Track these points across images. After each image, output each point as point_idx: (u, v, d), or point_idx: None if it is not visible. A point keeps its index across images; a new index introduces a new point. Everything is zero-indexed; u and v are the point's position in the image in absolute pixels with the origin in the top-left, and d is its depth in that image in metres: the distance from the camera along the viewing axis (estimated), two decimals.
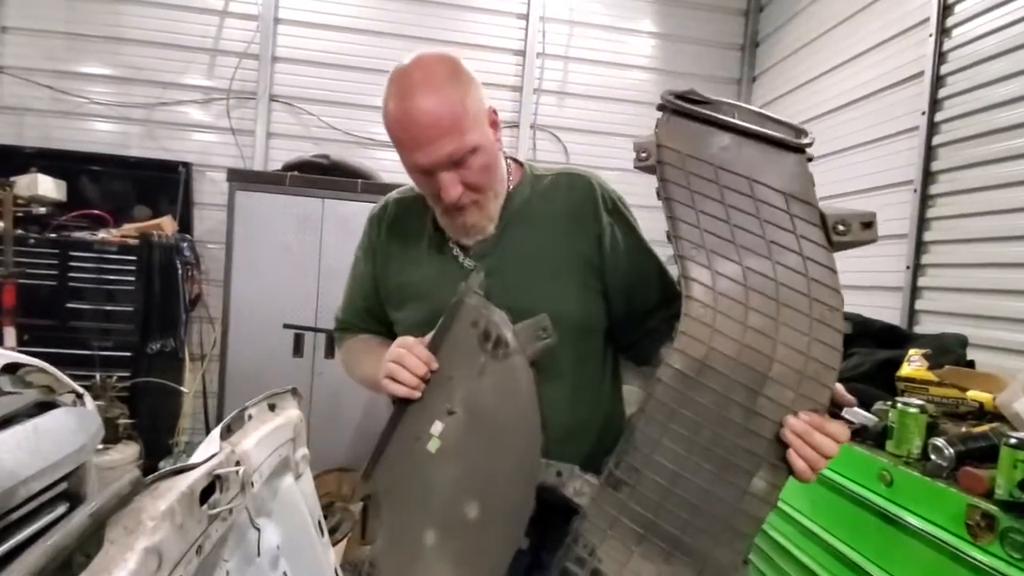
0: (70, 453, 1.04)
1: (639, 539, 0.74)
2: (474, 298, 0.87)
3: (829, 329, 0.71)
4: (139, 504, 0.89)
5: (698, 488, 0.73)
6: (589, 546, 0.75)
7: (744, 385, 0.72)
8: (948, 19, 2.25)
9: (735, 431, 0.72)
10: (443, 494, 0.85)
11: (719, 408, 0.73)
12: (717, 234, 0.75)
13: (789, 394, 0.71)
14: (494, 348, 0.84)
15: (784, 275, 0.73)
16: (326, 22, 3.63)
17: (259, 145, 3.60)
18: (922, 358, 1.68)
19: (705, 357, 0.74)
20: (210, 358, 3.45)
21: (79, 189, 3.33)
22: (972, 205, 2.12)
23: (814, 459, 0.71)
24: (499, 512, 0.82)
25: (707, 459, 0.73)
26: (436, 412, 0.86)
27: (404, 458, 0.88)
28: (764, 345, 0.72)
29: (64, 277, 2.93)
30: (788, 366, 0.71)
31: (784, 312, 0.72)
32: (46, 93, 3.43)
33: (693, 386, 0.74)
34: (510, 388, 0.84)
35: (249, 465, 1.24)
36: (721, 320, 0.74)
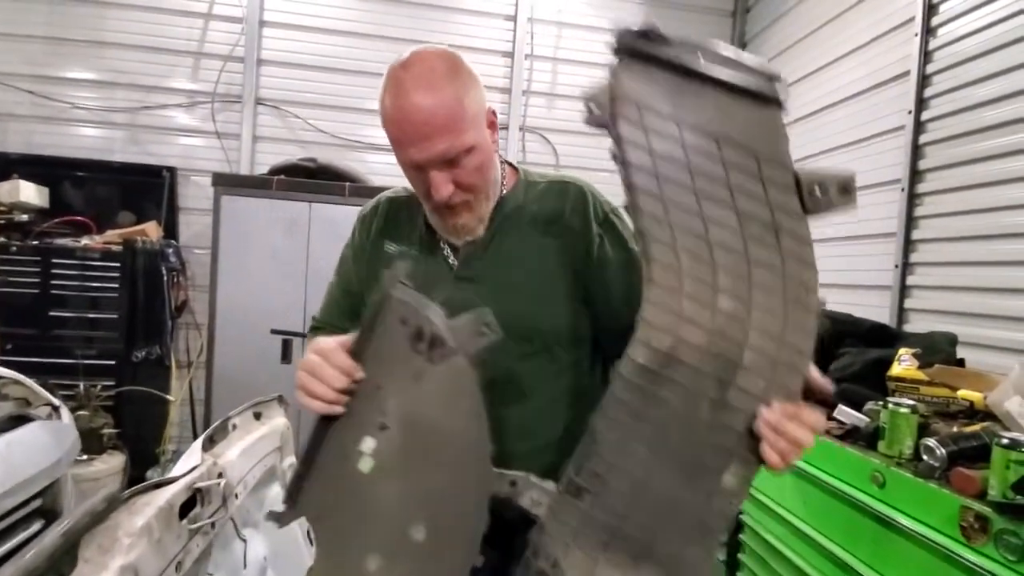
0: (44, 468, 1.01)
1: (604, 546, 0.69)
2: (401, 290, 0.75)
3: (803, 311, 0.65)
4: (115, 521, 0.87)
5: (666, 491, 0.68)
6: (551, 558, 0.69)
7: (714, 376, 0.66)
8: (933, 19, 2.26)
9: (705, 428, 0.66)
10: (383, 517, 0.76)
11: (687, 405, 0.66)
12: (682, 205, 0.66)
13: (761, 383, 0.65)
14: (429, 349, 0.73)
15: (756, 251, 0.65)
16: (312, 24, 3.60)
17: (245, 149, 3.56)
18: (912, 357, 1.68)
19: (672, 349, 0.66)
20: (197, 365, 3.40)
21: (62, 195, 3.28)
22: (960, 203, 2.13)
23: (787, 451, 0.66)
24: (449, 531, 0.75)
25: (675, 460, 0.67)
26: (365, 427, 0.76)
27: (332, 481, 0.78)
28: (735, 331, 0.65)
29: (46, 285, 2.88)
30: (761, 353, 0.65)
31: (756, 294, 0.65)
32: (27, 98, 3.37)
33: (659, 381, 0.66)
34: (451, 394, 0.74)
35: (232, 477, 1.22)
36: (688, 305, 0.66)
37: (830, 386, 0.73)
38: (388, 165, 3.69)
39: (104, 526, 0.83)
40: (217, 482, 1.06)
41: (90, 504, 0.81)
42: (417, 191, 0.92)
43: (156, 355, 3.12)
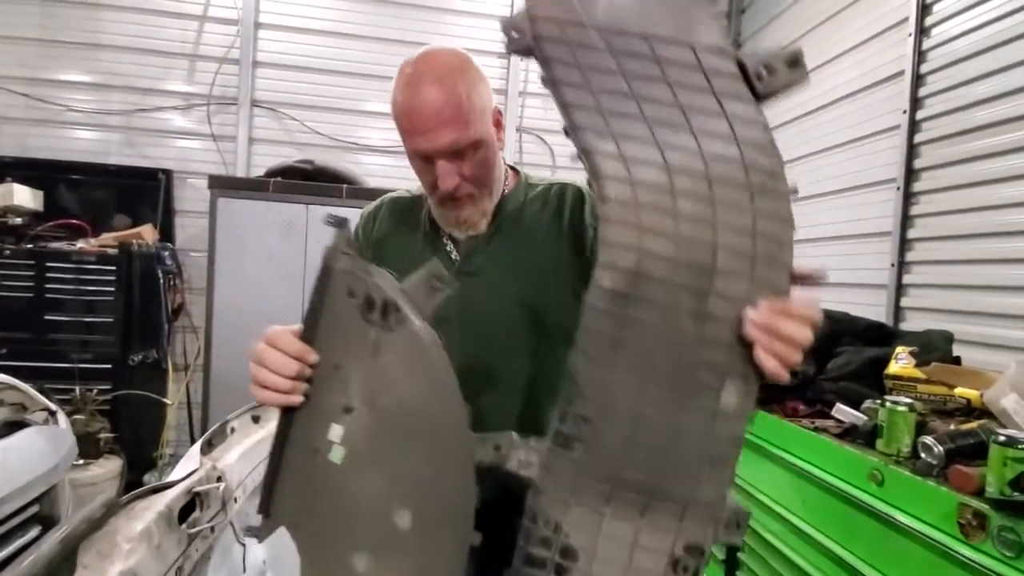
0: (41, 474, 1.01)
1: (607, 498, 0.63)
2: (344, 260, 0.71)
3: (773, 198, 0.60)
4: (114, 526, 0.86)
5: (663, 423, 0.62)
6: (551, 522, 0.64)
7: (689, 287, 0.61)
8: (927, 19, 2.27)
9: (691, 345, 0.61)
10: (364, 509, 0.71)
11: (667, 322, 0.61)
12: (622, 113, 0.62)
13: (742, 285, 0.60)
14: (383, 317, 0.69)
15: (710, 145, 0.61)
16: (307, 26, 3.60)
17: (241, 151, 3.55)
18: (909, 356, 1.69)
19: (638, 265, 0.61)
20: (194, 368, 3.39)
21: (57, 198, 3.27)
22: (955, 202, 2.14)
23: (785, 353, 0.61)
24: (437, 512, 0.69)
25: (665, 387, 0.62)
26: (330, 414, 0.71)
27: (304, 480, 0.72)
28: (703, 234, 0.61)
29: (41, 289, 2.87)
30: (735, 252, 0.60)
31: (718, 190, 0.60)
32: (21, 101, 3.36)
33: (631, 304, 0.62)
34: (414, 360, 0.69)
35: (231, 481, 1.22)
36: (647, 216, 0.61)
37: (822, 272, 0.66)
38: (384, 166, 3.70)
39: (103, 532, 0.82)
40: (216, 486, 1.06)
41: (88, 510, 0.80)
42: (423, 183, 0.93)
43: (153, 359, 3.11)
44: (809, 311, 0.62)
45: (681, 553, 0.62)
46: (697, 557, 0.62)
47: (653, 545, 0.63)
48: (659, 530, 0.63)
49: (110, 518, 0.85)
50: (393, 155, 3.68)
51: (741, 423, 0.62)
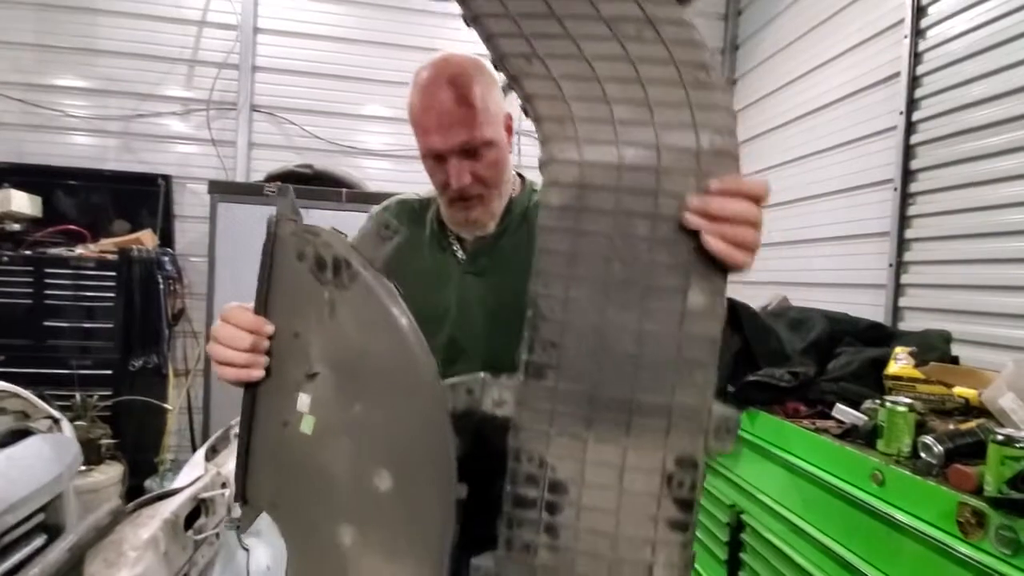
0: (46, 483, 1.01)
1: (587, 422, 0.61)
2: (289, 225, 0.70)
3: (707, 89, 0.59)
4: (120, 534, 0.87)
5: (631, 333, 0.60)
6: (535, 458, 0.62)
7: (637, 190, 0.60)
8: (922, 21, 2.29)
9: (647, 249, 0.60)
10: (342, 476, 0.68)
11: (620, 229, 0.60)
12: (546, 34, 0.61)
13: (688, 180, 0.59)
14: (335, 275, 0.67)
15: (637, 50, 0.60)
16: (306, 31, 3.60)
17: (241, 156, 3.55)
18: (908, 356, 1.70)
19: (582, 177, 0.61)
20: (194, 373, 3.39)
21: (55, 204, 3.27)
22: (952, 202, 2.16)
23: (732, 233, 0.58)
24: (416, 468, 0.66)
25: (628, 295, 0.60)
26: (295, 383, 0.69)
27: (277, 456, 0.69)
28: (642, 136, 0.60)
29: (40, 295, 2.87)
30: (677, 149, 0.59)
31: (652, 91, 0.60)
32: (17, 107, 3.35)
33: (581, 216, 0.61)
34: (372, 313, 0.67)
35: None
36: (583, 127, 0.61)
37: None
38: (384, 170, 3.71)
39: (109, 540, 0.83)
40: (221, 492, 1.06)
41: (95, 518, 0.81)
42: (435, 182, 0.94)
43: (153, 364, 3.10)
44: (752, 185, 0.60)
45: (673, 468, 0.60)
46: (691, 470, 0.60)
47: (643, 464, 0.60)
48: (646, 448, 0.60)
49: (116, 526, 0.85)
50: (392, 159, 3.69)
51: (713, 322, 0.60)
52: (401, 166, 3.66)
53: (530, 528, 0.62)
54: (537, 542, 0.62)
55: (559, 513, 0.61)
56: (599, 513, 0.61)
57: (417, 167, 0.97)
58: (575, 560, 0.61)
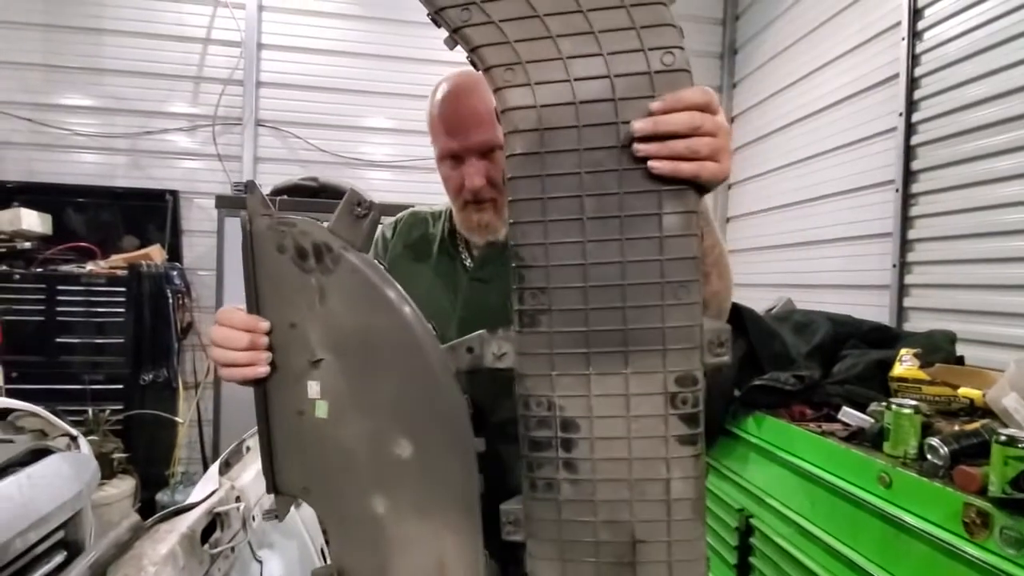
0: (66, 501, 1.03)
1: (587, 360, 0.62)
2: (263, 220, 0.70)
3: (651, 8, 0.58)
4: (139, 550, 0.89)
5: (614, 266, 0.61)
6: (543, 401, 0.63)
7: (597, 124, 0.60)
8: (919, 23, 2.30)
9: (615, 180, 0.60)
10: (364, 451, 0.70)
11: (587, 165, 0.61)
12: None
13: (645, 104, 0.58)
14: (318, 261, 0.69)
15: None
16: (308, 46, 3.65)
17: (247, 170, 3.59)
18: (913, 357, 1.70)
19: (540, 120, 0.61)
20: (204, 386, 3.42)
21: (65, 222, 3.32)
22: (954, 202, 2.17)
23: (680, 148, 0.58)
24: (434, 431, 0.69)
25: (605, 228, 0.61)
26: (301, 373, 0.71)
27: (299, 444, 0.72)
28: (594, 68, 0.59)
29: (52, 312, 2.91)
30: (630, 77, 0.59)
31: (596, 19, 0.59)
32: (26, 126, 3.41)
33: (547, 161, 0.61)
34: (361, 291, 0.69)
35: (249, 500, 1.24)
36: (533, 70, 0.60)
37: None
38: (387, 181, 3.74)
39: (129, 555, 0.85)
40: (236, 506, 1.08)
41: (115, 534, 0.83)
42: (450, 187, 0.96)
43: (163, 378, 3.14)
44: (692, 94, 0.58)
45: (675, 387, 0.62)
46: (692, 386, 0.62)
47: (645, 389, 0.62)
48: (646, 373, 0.62)
49: (136, 541, 0.87)
50: (395, 169, 3.73)
51: (691, 240, 0.60)
52: (404, 176, 3.70)
53: (549, 467, 0.64)
54: (558, 479, 0.64)
55: (574, 449, 0.63)
56: (612, 442, 0.63)
57: (419, 177, 1.00)
58: (596, 489, 0.63)
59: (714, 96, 0.60)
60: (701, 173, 0.59)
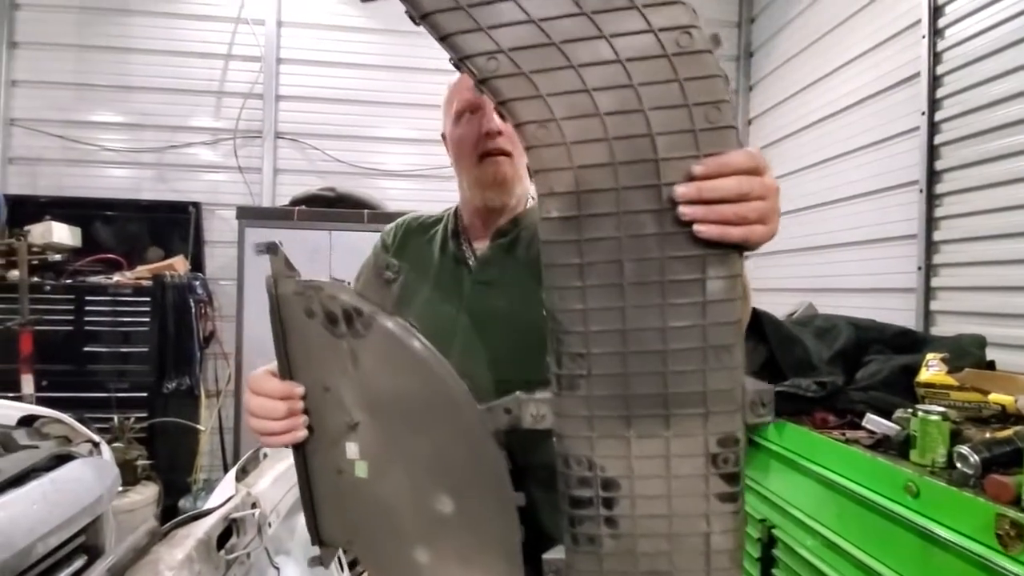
0: (87, 506, 1.06)
1: (627, 423, 0.61)
2: (290, 284, 0.69)
3: (695, 57, 0.53)
4: (156, 555, 0.90)
5: (655, 331, 0.58)
6: (584, 461, 0.63)
7: (638, 186, 0.56)
8: (939, 20, 2.26)
9: (656, 245, 0.57)
10: (405, 507, 0.70)
11: (627, 229, 0.57)
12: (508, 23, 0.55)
13: (690, 164, 0.55)
14: (348, 326, 0.68)
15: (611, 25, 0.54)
16: (326, 59, 3.73)
17: (266, 181, 3.67)
18: (940, 362, 1.65)
19: (576, 182, 0.57)
20: (225, 394, 3.48)
21: (93, 234, 3.42)
22: (980, 202, 2.10)
23: (728, 213, 0.55)
24: (474, 488, 0.69)
25: (646, 294, 0.58)
26: (339, 435, 0.71)
27: (340, 501, 0.73)
28: (634, 125, 0.55)
29: (80, 322, 2.99)
30: (673, 131, 0.54)
31: (635, 70, 0.54)
32: (57, 143, 3.53)
33: (584, 224, 0.58)
34: (395, 356, 0.68)
35: (265, 506, 1.25)
36: (569, 127, 0.56)
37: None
38: (404, 190, 3.78)
39: (146, 560, 0.86)
40: (252, 512, 1.09)
41: (132, 539, 0.84)
42: (466, 144, 0.96)
43: (186, 386, 3.20)
44: (740, 158, 0.55)
45: (716, 448, 0.61)
46: (733, 446, 0.60)
47: (686, 450, 0.61)
48: (688, 435, 0.61)
49: (153, 546, 0.88)
50: (411, 178, 3.76)
51: (734, 304, 0.58)
52: (420, 185, 3.73)
53: (591, 523, 0.64)
54: (600, 534, 0.64)
55: (615, 507, 0.63)
56: (652, 500, 0.63)
57: (436, 186, 1.01)
58: (637, 543, 0.64)
59: (761, 158, 0.56)
60: (750, 238, 0.56)
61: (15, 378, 2.66)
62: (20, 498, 0.94)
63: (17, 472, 0.99)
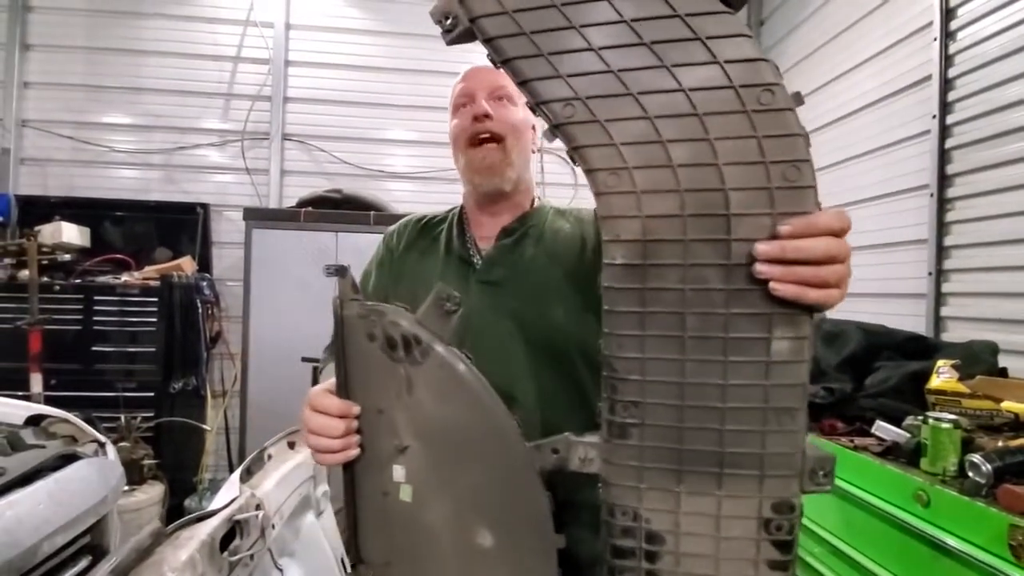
0: (92, 505, 1.06)
1: (678, 477, 0.59)
2: (354, 307, 0.71)
3: (775, 112, 0.52)
4: (160, 556, 0.90)
5: (714, 387, 0.57)
6: (629, 512, 0.61)
7: (708, 240, 0.55)
8: (951, 23, 2.23)
9: (723, 300, 0.56)
10: (446, 536, 0.71)
11: (693, 282, 0.56)
12: (585, 72, 0.56)
13: (765, 221, 0.54)
14: (407, 352, 0.69)
15: (689, 77, 0.53)
16: (334, 61, 3.74)
17: (273, 183, 3.69)
18: (951, 369, 1.63)
19: (644, 231, 0.56)
20: (231, 394, 3.49)
21: (102, 235, 3.45)
22: (992, 207, 2.08)
23: (808, 275, 0.53)
24: (515, 525, 0.69)
25: (707, 350, 0.57)
26: (387, 457, 0.72)
27: (383, 522, 0.74)
28: (706, 178, 0.54)
29: (89, 321, 3.01)
30: (747, 188, 0.54)
31: (712, 124, 0.53)
32: (68, 144, 3.57)
33: (649, 273, 0.57)
34: (449, 386, 0.69)
35: (269, 507, 1.25)
36: (640, 176, 0.56)
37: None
38: (410, 192, 3.79)
39: (150, 561, 0.86)
40: (255, 514, 1.09)
41: (136, 540, 0.84)
42: (461, 134, 0.99)
43: (192, 386, 3.21)
44: (827, 220, 0.54)
45: (770, 514, 0.58)
46: (788, 513, 0.58)
47: (738, 512, 0.59)
48: (741, 497, 0.58)
49: (156, 547, 0.88)
50: (418, 180, 3.77)
51: (800, 366, 0.55)
52: (427, 187, 3.74)
53: (632, 575, 0.63)
54: None
55: (659, 561, 0.61)
56: (698, 559, 0.60)
57: (442, 188, 1.01)
58: None
59: (848, 221, 0.55)
60: (827, 302, 0.55)
61: (24, 377, 2.68)
62: (26, 498, 0.94)
63: (23, 472, 0.99)
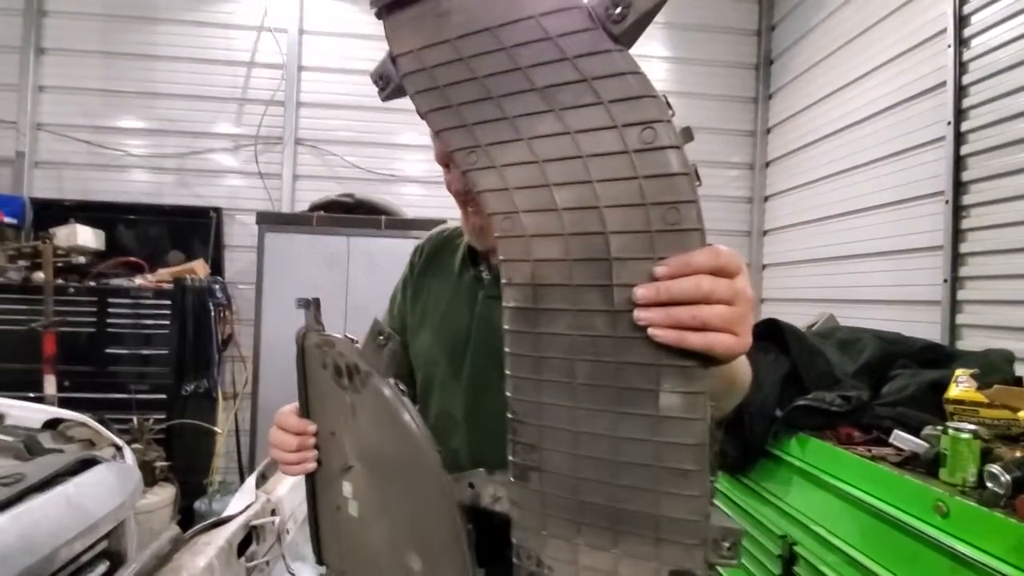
0: (111, 511, 1.06)
1: (577, 528, 0.57)
2: (313, 337, 0.79)
3: (657, 153, 0.49)
4: (179, 562, 0.90)
5: (607, 439, 0.54)
6: (532, 556, 0.60)
7: (592, 285, 0.53)
8: (965, 30, 2.22)
9: (612, 348, 0.53)
10: (384, 555, 0.75)
11: (581, 328, 0.54)
12: (485, 119, 0.57)
13: (647, 266, 0.51)
14: (350, 381, 0.75)
15: (575, 119, 0.52)
16: (346, 66, 3.77)
17: (286, 187, 3.71)
18: (970, 378, 1.61)
19: (534, 276, 0.56)
20: (242, 396, 3.51)
21: (117, 238, 3.48)
22: (1009, 214, 2.06)
23: (685, 317, 0.49)
24: (438, 553, 0.70)
25: (599, 399, 0.54)
26: (337, 474, 0.79)
27: (337, 532, 0.81)
28: (589, 222, 0.53)
29: (103, 324, 3.04)
30: (628, 231, 0.51)
31: (594, 166, 0.52)
32: (83, 148, 3.61)
33: (541, 318, 0.56)
34: (381, 415, 0.73)
35: (284, 513, 1.25)
36: (528, 219, 0.55)
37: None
38: (420, 196, 3.80)
39: (169, 568, 0.86)
40: (272, 519, 1.09)
41: (156, 546, 0.84)
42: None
43: (204, 388, 3.23)
44: (705, 256, 0.49)
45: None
46: None
47: (635, 574, 0.56)
48: (637, 557, 0.55)
49: (175, 553, 0.89)
50: (428, 184, 3.78)
51: (694, 424, 0.51)
52: (438, 191, 3.73)
53: None
54: None
55: None
56: None
57: None
58: None
59: (732, 258, 0.51)
60: (714, 347, 0.50)
61: (38, 378, 2.70)
62: (45, 503, 0.94)
63: (42, 477, 1.00)
